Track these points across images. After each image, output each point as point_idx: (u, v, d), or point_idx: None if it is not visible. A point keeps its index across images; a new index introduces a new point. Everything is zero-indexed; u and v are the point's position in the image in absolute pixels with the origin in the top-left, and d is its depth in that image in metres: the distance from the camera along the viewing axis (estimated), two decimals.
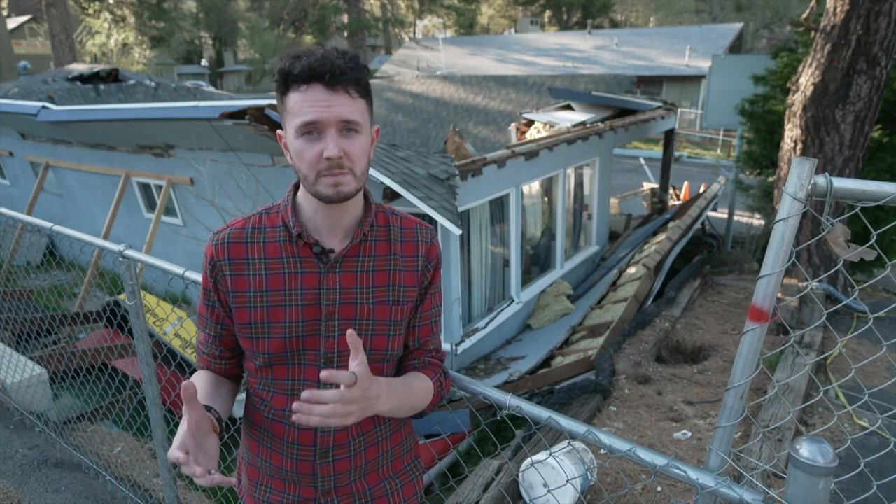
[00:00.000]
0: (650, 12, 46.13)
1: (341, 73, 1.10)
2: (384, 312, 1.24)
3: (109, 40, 33.52)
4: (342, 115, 1.10)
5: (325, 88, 1.10)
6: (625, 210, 12.66)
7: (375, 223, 1.27)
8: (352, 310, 1.23)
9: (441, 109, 13.96)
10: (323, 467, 1.28)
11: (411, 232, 1.30)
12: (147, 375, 2.33)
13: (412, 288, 1.28)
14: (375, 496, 1.35)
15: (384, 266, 1.26)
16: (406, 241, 1.29)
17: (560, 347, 6.39)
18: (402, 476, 1.40)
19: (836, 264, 1.07)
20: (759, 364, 1.17)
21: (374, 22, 38.90)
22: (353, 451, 1.30)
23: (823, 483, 1.05)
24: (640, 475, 3.35)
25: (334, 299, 1.22)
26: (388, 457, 1.36)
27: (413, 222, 1.32)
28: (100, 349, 4.92)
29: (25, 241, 9.30)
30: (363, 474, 1.33)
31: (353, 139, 1.13)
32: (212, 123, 5.88)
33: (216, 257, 1.24)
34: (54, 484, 3.01)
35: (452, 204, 5.38)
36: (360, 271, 1.24)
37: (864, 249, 1.09)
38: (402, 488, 1.39)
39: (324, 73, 1.09)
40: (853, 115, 5.57)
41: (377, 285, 1.24)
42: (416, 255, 1.28)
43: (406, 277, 1.27)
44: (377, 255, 1.26)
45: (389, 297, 1.25)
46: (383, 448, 1.35)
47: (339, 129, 1.11)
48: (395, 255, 1.27)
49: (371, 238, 1.26)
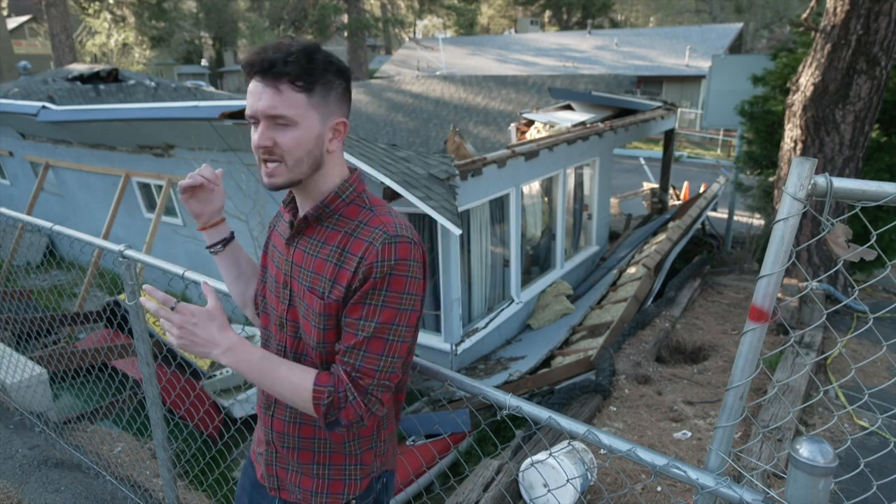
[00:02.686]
0: (650, 12, 46.12)
1: (271, 66, 1.13)
2: (311, 300, 1.26)
3: (109, 40, 33.50)
4: (267, 107, 1.15)
5: (258, 81, 1.16)
6: (625, 210, 12.66)
7: (341, 213, 1.26)
8: (297, 286, 1.30)
9: (441, 109, 13.96)
10: (265, 417, 1.42)
11: (368, 231, 1.21)
12: (147, 375, 2.33)
13: (340, 286, 1.21)
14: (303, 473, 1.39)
15: (325, 254, 1.24)
16: (357, 238, 1.21)
17: (560, 347, 6.39)
18: (335, 470, 1.38)
19: (836, 264, 1.07)
20: (759, 364, 1.17)
21: (374, 22, 38.85)
22: (290, 418, 1.36)
23: (823, 483, 1.05)
24: (640, 475, 3.35)
25: (289, 270, 1.32)
26: (326, 447, 1.37)
27: (380, 222, 1.21)
28: (100, 349, 4.92)
29: (25, 241, 9.30)
30: (295, 446, 1.38)
31: (283, 130, 1.17)
32: (212, 123, 5.88)
33: (273, 219, 1.49)
34: (54, 484, 3.01)
35: (452, 204, 5.38)
36: (307, 253, 1.29)
37: (864, 249, 1.09)
38: (329, 480, 1.38)
39: (257, 66, 1.14)
40: (853, 115, 5.57)
41: (314, 272, 1.26)
42: (358, 255, 1.19)
43: (339, 273, 1.21)
44: (325, 242, 1.25)
45: (318, 286, 1.24)
46: (320, 434, 1.36)
47: (267, 122, 1.17)
48: (342, 248, 1.22)
49: (329, 225, 1.26)
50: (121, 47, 34.38)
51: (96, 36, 33.55)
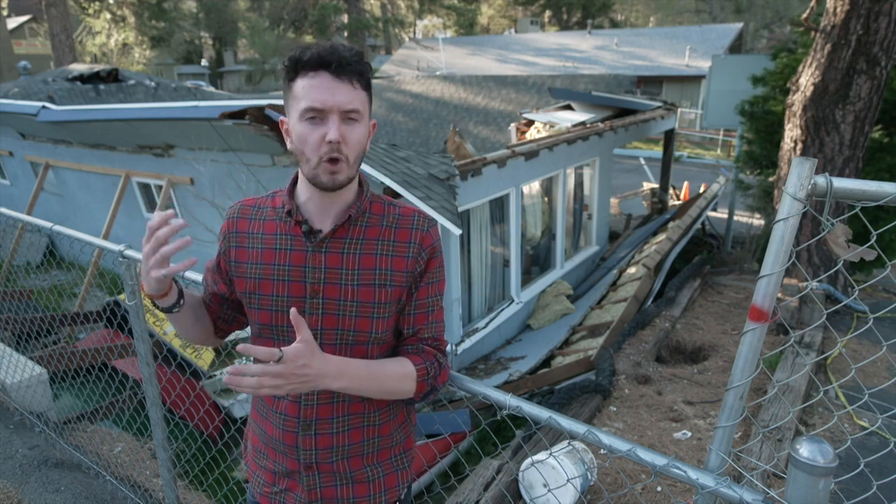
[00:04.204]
0: (650, 12, 46.11)
1: (347, 63, 1.17)
2: (368, 294, 1.28)
3: (109, 40, 33.50)
4: (345, 102, 1.17)
5: (331, 76, 1.17)
6: (625, 210, 12.66)
7: (369, 210, 1.32)
8: (336, 290, 1.27)
9: (441, 109, 13.97)
10: (305, 440, 1.32)
11: (407, 219, 1.32)
12: (147, 375, 2.33)
13: (400, 273, 1.29)
14: (356, 480, 1.37)
15: (371, 250, 1.29)
16: (400, 227, 1.31)
17: (560, 347, 6.38)
18: (386, 466, 1.41)
19: (836, 264, 1.07)
20: (759, 364, 1.17)
21: (374, 22, 38.92)
22: (336, 429, 1.33)
23: (823, 483, 1.05)
24: (640, 475, 3.35)
25: (319, 278, 1.27)
26: (375, 445, 1.38)
27: (411, 211, 1.34)
28: (100, 349, 4.91)
29: (25, 241, 9.29)
30: (346, 456, 1.35)
31: (352, 127, 1.20)
32: (212, 123, 5.87)
33: (228, 229, 1.37)
34: (54, 484, 3.01)
35: (452, 204, 5.38)
36: (347, 253, 1.28)
37: (864, 249, 1.09)
38: (384, 477, 1.40)
39: (331, 62, 1.16)
40: (853, 115, 5.57)
41: (363, 268, 1.28)
42: (408, 242, 1.30)
43: (395, 262, 1.29)
44: (365, 238, 1.29)
45: (375, 280, 1.28)
46: (369, 434, 1.36)
47: (340, 115, 1.18)
48: (386, 240, 1.30)
49: (361, 223, 1.30)
50: (121, 47, 34.39)
51: (96, 36, 33.56)
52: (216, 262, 1.43)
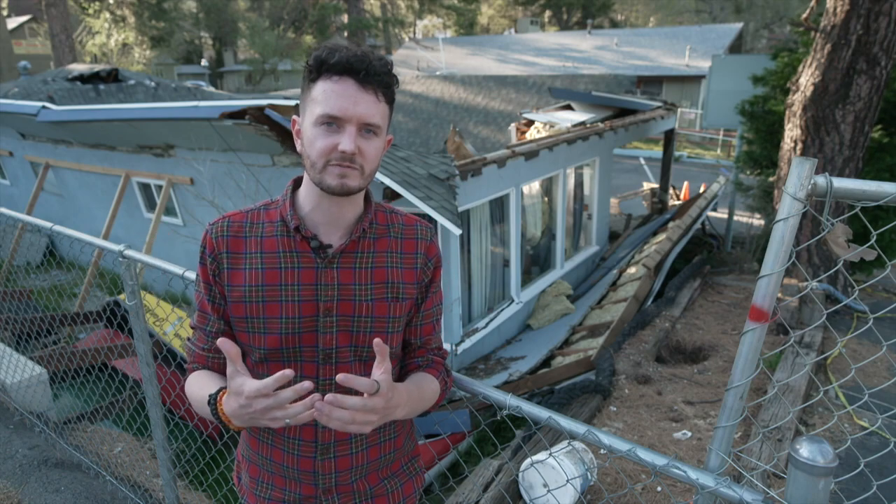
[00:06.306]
0: (650, 12, 46.10)
1: (375, 73, 1.10)
2: (383, 309, 1.23)
3: (109, 40, 33.50)
4: (366, 114, 1.10)
5: (356, 85, 1.09)
6: (625, 210, 12.65)
7: (375, 221, 1.27)
8: (350, 306, 1.21)
9: (441, 109, 13.97)
10: (324, 464, 1.27)
11: (411, 229, 1.30)
12: (147, 375, 2.33)
13: (411, 285, 1.27)
14: (376, 495, 1.35)
15: (382, 263, 1.25)
16: (406, 238, 1.28)
17: (560, 347, 6.38)
18: (401, 475, 1.40)
19: (836, 264, 1.07)
20: (759, 364, 1.17)
21: (374, 22, 38.94)
22: (355, 449, 1.29)
23: (823, 483, 1.05)
24: (640, 475, 3.35)
25: (332, 295, 1.20)
26: (390, 458, 1.37)
27: (413, 220, 1.32)
28: (100, 349, 4.91)
29: (25, 241, 9.29)
30: (364, 474, 1.32)
31: (369, 140, 1.13)
32: (212, 123, 5.88)
33: (216, 250, 1.22)
34: (54, 484, 3.01)
35: (452, 204, 5.38)
36: (359, 267, 1.22)
37: (864, 249, 1.09)
38: (401, 487, 1.40)
39: (359, 70, 1.09)
40: (853, 115, 5.57)
41: (376, 282, 1.23)
42: (415, 253, 1.28)
43: (405, 274, 1.27)
44: (376, 251, 1.25)
45: (388, 294, 1.24)
46: (385, 449, 1.35)
47: (358, 127, 1.11)
48: (394, 252, 1.27)
49: (370, 235, 1.25)
50: (121, 47, 34.40)
51: (96, 36, 33.56)
52: (211, 292, 1.24)
